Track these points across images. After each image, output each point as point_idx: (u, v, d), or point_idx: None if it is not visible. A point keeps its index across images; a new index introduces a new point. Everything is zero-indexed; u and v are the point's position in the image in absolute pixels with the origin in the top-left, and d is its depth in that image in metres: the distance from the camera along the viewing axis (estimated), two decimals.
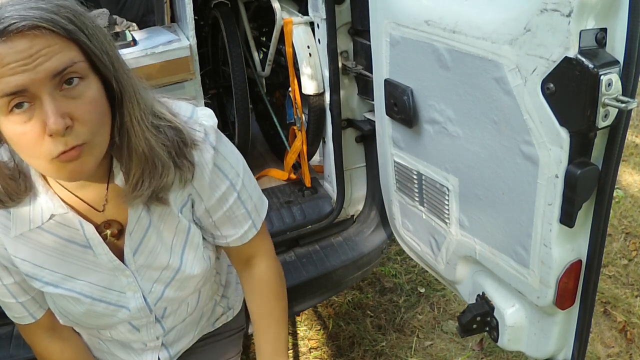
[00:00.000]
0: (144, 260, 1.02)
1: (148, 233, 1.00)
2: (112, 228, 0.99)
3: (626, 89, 0.91)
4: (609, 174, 0.99)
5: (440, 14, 1.18)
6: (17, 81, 0.74)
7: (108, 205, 0.97)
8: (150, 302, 1.07)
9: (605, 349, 2.32)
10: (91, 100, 0.81)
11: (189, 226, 1.04)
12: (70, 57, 0.78)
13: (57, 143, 0.78)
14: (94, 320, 1.06)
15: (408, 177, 1.45)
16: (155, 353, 1.19)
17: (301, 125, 1.98)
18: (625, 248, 2.87)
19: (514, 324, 1.24)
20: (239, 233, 1.10)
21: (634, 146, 3.73)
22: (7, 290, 1.04)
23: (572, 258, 1.08)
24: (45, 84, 0.76)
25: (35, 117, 0.77)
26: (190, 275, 1.06)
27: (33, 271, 0.98)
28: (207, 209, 1.05)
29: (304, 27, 1.90)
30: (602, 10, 0.90)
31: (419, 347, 2.37)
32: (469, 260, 1.33)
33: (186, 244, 1.05)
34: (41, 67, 0.75)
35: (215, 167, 1.00)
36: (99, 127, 0.83)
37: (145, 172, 0.91)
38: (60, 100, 0.78)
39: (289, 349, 2.36)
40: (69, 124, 0.78)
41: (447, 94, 1.21)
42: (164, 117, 0.93)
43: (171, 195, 0.98)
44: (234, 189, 1.05)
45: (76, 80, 0.79)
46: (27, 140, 0.78)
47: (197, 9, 2.17)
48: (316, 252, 1.96)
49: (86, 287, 1.01)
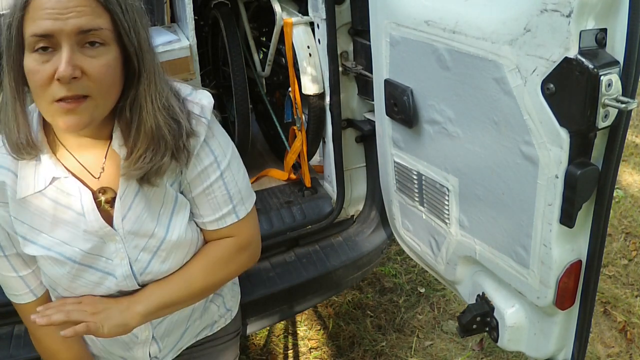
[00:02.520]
0: (131, 226, 1.04)
1: (136, 199, 1.04)
2: (106, 195, 1.04)
3: (626, 89, 0.91)
4: (609, 174, 0.99)
5: (440, 14, 1.18)
6: (48, 26, 0.85)
7: (104, 172, 1.03)
8: (136, 272, 1.07)
9: (605, 349, 2.32)
10: (105, 64, 0.90)
11: (176, 196, 1.07)
12: (98, 23, 0.88)
13: (61, 88, 0.87)
14: (81, 291, 1.07)
15: (408, 177, 1.45)
16: (146, 347, 1.19)
17: (301, 125, 1.98)
18: (625, 248, 2.87)
19: (514, 324, 1.24)
20: (216, 215, 1.11)
21: (634, 146, 3.73)
22: (9, 262, 1.06)
23: (572, 258, 1.08)
24: (69, 37, 0.86)
25: (51, 61, 0.87)
26: (176, 244, 1.07)
27: (30, 234, 1.03)
28: (188, 182, 1.08)
29: (304, 27, 1.90)
30: (602, 10, 0.90)
31: (419, 347, 2.37)
32: (469, 260, 1.33)
33: (173, 213, 1.07)
34: (71, 21, 0.85)
35: (204, 141, 1.05)
36: (107, 90, 0.91)
37: (149, 149, 0.97)
38: (77, 54, 0.87)
39: (288, 348, 2.37)
40: (77, 75, 0.87)
41: (447, 94, 1.21)
42: (173, 110, 1.00)
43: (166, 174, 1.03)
44: (217, 166, 1.08)
45: (98, 45, 0.89)
46: (38, 78, 0.88)
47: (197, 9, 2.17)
48: (316, 252, 1.96)
49: (76, 253, 1.03)
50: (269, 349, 2.38)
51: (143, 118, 0.96)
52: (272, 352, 2.37)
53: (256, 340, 2.43)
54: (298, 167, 2.13)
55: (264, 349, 2.38)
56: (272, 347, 2.40)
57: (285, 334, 2.46)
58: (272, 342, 2.42)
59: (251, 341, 2.41)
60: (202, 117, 1.04)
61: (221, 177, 1.08)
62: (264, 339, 2.43)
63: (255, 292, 1.75)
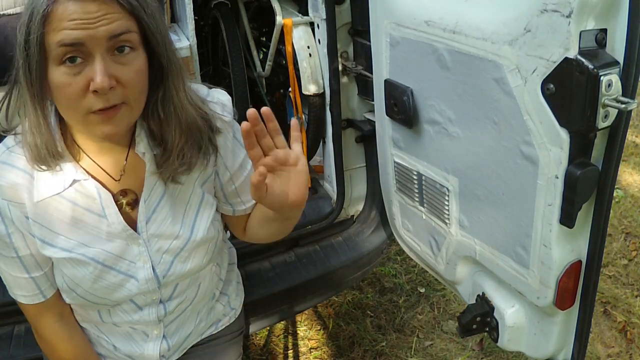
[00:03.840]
0: (156, 228, 1.06)
1: (162, 202, 1.06)
2: (127, 197, 1.04)
3: (626, 89, 0.91)
4: (609, 174, 0.99)
5: (440, 14, 1.18)
6: (77, 35, 0.84)
7: (125, 175, 1.04)
8: (159, 274, 1.08)
9: (605, 349, 2.32)
10: (137, 69, 0.91)
11: (203, 195, 1.10)
12: (127, 26, 0.88)
13: (98, 99, 0.87)
14: (102, 292, 1.06)
15: (408, 178, 1.45)
16: (157, 344, 1.19)
17: (301, 125, 1.98)
18: (625, 248, 2.87)
19: (513, 324, 1.24)
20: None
21: (634, 146, 3.73)
22: (21, 263, 1.05)
23: (572, 258, 1.08)
24: (101, 44, 0.86)
25: (83, 73, 0.86)
26: (199, 244, 1.10)
27: (49, 237, 1.02)
28: (231, 176, 1.13)
29: (304, 28, 1.90)
30: (602, 10, 0.90)
31: (419, 347, 2.37)
32: (469, 260, 1.33)
33: (198, 213, 1.10)
34: (101, 28, 0.85)
35: (234, 137, 1.10)
36: (140, 94, 0.93)
37: (187, 143, 1.00)
38: (110, 63, 0.87)
39: (288, 348, 2.37)
40: (113, 85, 0.87)
41: (447, 95, 1.21)
42: (196, 102, 1.03)
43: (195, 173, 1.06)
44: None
45: (127, 50, 0.89)
46: (70, 91, 0.87)
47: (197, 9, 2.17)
48: (316, 252, 1.96)
49: (99, 254, 1.04)
50: (269, 349, 2.38)
51: (178, 113, 0.98)
52: (272, 352, 2.37)
53: (256, 340, 2.43)
54: None
55: (264, 349, 2.38)
56: (272, 347, 2.40)
57: (285, 334, 2.46)
58: (272, 342, 2.42)
59: (251, 341, 2.41)
60: (226, 114, 1.08)
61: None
62: (264, 339, 2.43)
63: (256, 292, 1.75)
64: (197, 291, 1.19)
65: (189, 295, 1.18)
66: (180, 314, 1.19)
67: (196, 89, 1.08)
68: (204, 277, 1.20)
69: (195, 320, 1.25)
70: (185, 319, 1.22)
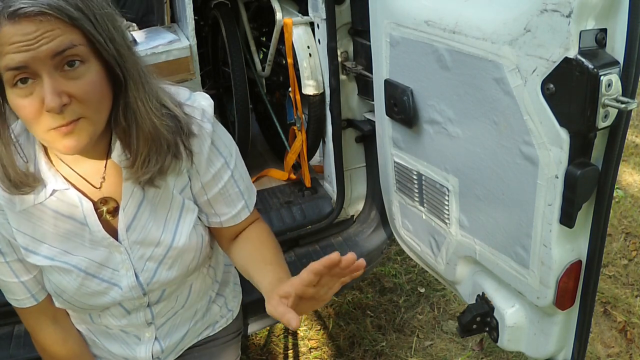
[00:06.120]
0: (137, 236, 1.05)
1: (141, 208, 1.04)
2: (108, 205, 1.03)
3: (626, 89, 0.91)
4: (609, 174, 0.99)
5: (440, 14, 1.18)
6: (20, 58, 0.81)
7: (105, 182, 1.02)
8: (142, 282, 1.07)
9: (605, 349, 2.32)
10: (90, 82, 0.86)
11: (183, 201, 1.07)
12: (70, 40, 0.83)
13: (54, 118, 0.84)
14: (86, 299, 1.06)
15: (408, 178, 1.45)
16: (149, 346, 1.19)
17: (301, 125, 1.98)
18: (625, 248, 2.87)
19: (513, 324, 1.24)
20: (232, 212, 1.13)
21: (634, 146, 3.73)
22: (10, 268, 1.05)
23: (572, 258, 1.08)
24: (45, 63, 0.82)
25: (35, 93, 0.84)
26: (183, 250, 1.08)
27: (33, 245, 1.02)
28: (202, 186, 1.08)
29: (304, 28, 1.90)
30: (602, 10, 0.90)
31: (419, 347, 2.37)
32: (469, 260, 1.33)
33: (179, 219, 1.07)
34: (42, 48, 0.81)
35: (212, 144, 1.05)
36: (97, 106, 0.89)
37: (152, 151, 0.96)
38: (59, 80, 0.84)
39: (288, 348, 2.37)
40: (66, 102, 0.84)
41: (447, 95, 1.21)
42: (166, 105, 0.99)
43: (170, 178, 1.03)
44: (227, 167, 1.09)
45: (77, 63, 0.85)
46: (27, 112, 0.85)
47: (197, 9, 2.17)
48: (316, 252, 1.96)
49: (82, 261, 1.03)
50: (269, 349, 2.38)
51: (139, 122, 0.94)
52: (272, 352, 2.37)
53: (256, 340, 2.43)
54: (298, 167, 2.13)
55: (264, 349, 2.38)
56: (272, 347, 2.40)
57: (285, 334, 2.46)
58: (272, 342, 2.42)
59: (251, 341, 2.41)
60: (205, 121, 1.04)
61: (232, 177, 1.10)
62: (264, 339, 2.43)
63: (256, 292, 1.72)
64: (188, 294, 1.19)
65: (180, 298, 1.18)
66: (172, 317, 1.19)
67: (176, 92, 1.04)
68: (195, 279, 1.19)
69: (190, 323, 1.25)
70: (177, 322, 1.21)
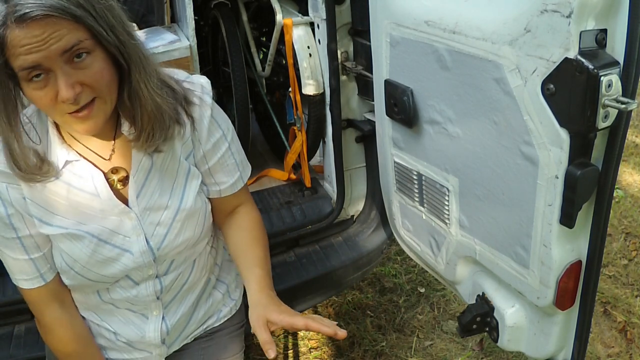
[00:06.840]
0: (147, 202, 1.11)
1: (150, 176, 1.11)
2: (118, 174, 1.10)
3: (626, 89, 0.91)
4: (609, 174, 0.99)
5: (440, 14, 1.18)
6: (32, 59, 0.88)
7: (114, 154, 1.09)
8: (153, 246, 1.13)
9: (605, 349, 2.32)
10: (98, 69, 0.94)
11: (189, 168, 1.15)
12: (77, 37, 0.90)
13: (70, 105, 0.93)
14: (98, 268, 1.10)
15: (408, 178, 1.45)
16: (157, 325, 1.22)
17: (301, 125, 1.99)
18: (625, 248, 2.87)
19: (513, 324, 1.24)
20: (230, 181, 1.22)
21: (634, 146, 3.73)
22: (21, 244, 1.09)
23: (572, 258, 1.08)
24: (56, 60, 0.89)
25: (49, 85, 0.92)
26: (190, 213, 1.15)
27: (46, 216, 1.07)
28: (204, 154, 1.16)
29: (304, 28, 1.90)
30: (602, 11, 0.90)
31: (419, 347, 2.37)
32: (469, 260, 1.34)
33: (186, 184, 1.15)
34: (52, 48, 0.88)
35: (211, 116, 1.14)
36: (107, 87, 0.97)
37: (155, 127, 1.04)
38: (71, 72, 0.91)
39: (288, 348, 2.37)
40: (79, 91, 0.92)
41: (447, 95, 1.21)
42: (167, 81, 1.08)
43: (178, 145, 1.12)
44: (225, 139, 1.18)
45: (84, 55, 0.92)
46: (43, 102, 0.94)
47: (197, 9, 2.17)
48: (316, 252, 1.97)
49: (94, 229, 1.09)
50: None
51: (143, 103, 1.01)
52: None
53: (256, 340, 2.43)
54: (298, 167, 2.14)
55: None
56: None
57: (285, 334, 2.46)
58: None
59: (251, 341, 2.41)
60: (205, 94, 1.13)
61: (229, 148, 1.19)
62: None
63: None
64: (192, 268, 1.23)
65: (184, 272, 1.21)
66: (177, 293, 1.22)
67: (175, 72, 1.13)
68: (199, 254, 1.23)
69: (194, 304, 1.28)
70: (182, 299, 1.24)
